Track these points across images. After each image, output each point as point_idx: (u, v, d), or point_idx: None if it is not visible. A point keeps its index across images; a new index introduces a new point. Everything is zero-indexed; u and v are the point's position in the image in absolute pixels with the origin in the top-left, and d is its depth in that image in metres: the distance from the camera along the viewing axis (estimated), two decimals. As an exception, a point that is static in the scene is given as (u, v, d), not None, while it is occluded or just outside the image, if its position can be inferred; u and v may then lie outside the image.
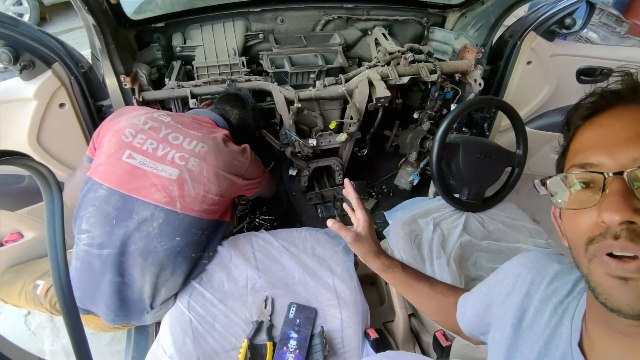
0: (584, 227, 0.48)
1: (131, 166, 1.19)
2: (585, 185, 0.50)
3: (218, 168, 1.25)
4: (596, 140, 0.50)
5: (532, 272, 0.68)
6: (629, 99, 0.50)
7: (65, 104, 1.39)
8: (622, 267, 0.44)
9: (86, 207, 1.19)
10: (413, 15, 1.94)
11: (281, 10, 1.85)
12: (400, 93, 1.97)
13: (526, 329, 0.64)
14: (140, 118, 1.26)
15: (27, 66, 1.26)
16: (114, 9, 1.36)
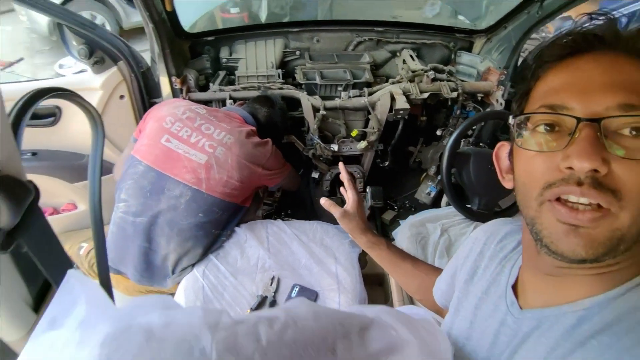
0: (543, 170, 0.47)
1: (167, 148, 1.38)
2: (550, 129, 0.48)
3: (240, 157, 1.41)
4: (572, 83, 0.47)
5: (487, 234, 0.73)
6: (611, 44, 0.47)
7: (124, 96, 1.65)
8: (575, 216, 0.43)
9: (126, 180, 1.39)
10: (441, 40, 2.07)
11: (317, 31, 2.05)
12: (425, 111, 2.08)
13: (476, 282, 0.68)
14: (180, 109, 1.45)
15: (98, 61, 1.54)
16: (171, 19, 1.62)
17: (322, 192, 2.16)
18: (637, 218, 0.43)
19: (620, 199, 0.42)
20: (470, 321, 0.63)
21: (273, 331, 0.28)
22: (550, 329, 0.49)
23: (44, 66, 5.24)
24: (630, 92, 0.44)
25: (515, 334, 0.53)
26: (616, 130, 0.44)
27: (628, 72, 0.45)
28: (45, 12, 1.35)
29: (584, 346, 0.45)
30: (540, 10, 1.52)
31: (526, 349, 0.51)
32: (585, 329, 0.46)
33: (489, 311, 0.60)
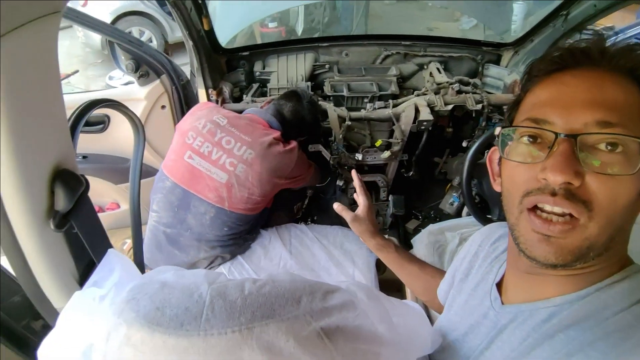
0: (523, 179, 0.50)
1: (191, 166, 1.42)
2: (533, 140, 0.50)
3: (262, 174, 1.42)
4: (556, 98, 0.50)
5: (482, 236, 0.77)
6: (596, 60, 0.49)
7: (165, 106, 1.81)
8: (548, 227, 0.47)
9: (156, 193, 1.50)
10: (468, 53, 2.10)
11: (346, 46, 2.14)
12: (452, 123, 2.10)
13: (469, 281, 0.72)
14: (201, 120, 1.46)
15: (144, 75, 1.70)
16: (209, 36, 1.76)
17: (347, 201, 2.23)
18: (605, 228, 0.46)
19: (590, 209, 0.45)
20: (460, 315, 0.68)
21: (255, 286, 0.36)
22: (524, 322, 0.54)
23: (95, 78, 5.69)
24: (610, 110, 0.46)
25: (495, 326, 0.58)
26: (593, 144, 0.46)
27: (610, 89, 0.47)
28: (98, 31, 1.53)
29: (552, 338, 0.49)
30: (565, 23, 1.53)
31: (501, 340, 0.56)
32: (554, 323, 0.50)
33: (475, 305, 0.65)
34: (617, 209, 0.46)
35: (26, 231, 0.56)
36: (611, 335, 0.45)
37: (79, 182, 0.61)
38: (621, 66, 0.48)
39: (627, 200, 0.46)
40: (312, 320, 0.35)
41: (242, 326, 0.33)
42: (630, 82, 0.48)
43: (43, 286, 0.64)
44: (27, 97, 0.48)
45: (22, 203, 0.54)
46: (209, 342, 0.32)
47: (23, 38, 0.43)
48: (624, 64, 0.48)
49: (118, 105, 0.85)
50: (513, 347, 0.53)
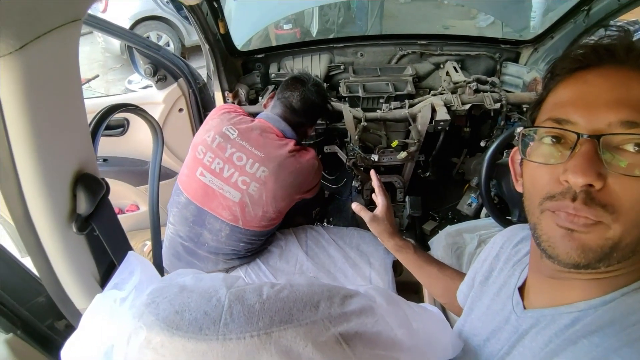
0: (545, 181, 0.49)
1: (203, 183, 1.38)
2: (555, 141, 0.49)
3: (277, 191, 1.37)
4: (578, 97, 0.48)
5: (504, 238, 0.75)
6: (621, 58, 0.48)
7: (183, 109, 1.83)
8: (572, 220, 0.45)
9: (173, 206, 1.49)
10: (485, 51, 2.06)
11: (361, 46, 2.13)
12: (470, 122, 2.07)
13: (490, 284, 0.71)
14: (210, 133, 1.39)
15: (162, 79, 1.73)
16: (225, 40, 1.78)
17: (363, 202, 2.22)
18: (630, 230, 0.44)
19: (612, 212, 0.44)
20: (482, 320, 0.66)
21: (273, 290, 0.36)
22: (546, 327, 0.52)
23: (115, 82, 5.83)
24: (635, 110, 0.44)
25: (516, 331, 0.56)
26: (618, 145, 0.45)
27: (636, 88, 0.45)
28: (118, 37, 1.56)
29: (576, 344, 0.47)
30: (587, 19, 1.49)
31: (523, 345, 0.54)
32: (578, 329, 0.49)
33: (497, 310, 0.63)
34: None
35: (49, 234, 0.58)
36: (638, 342, 0.43)
37: (100, 185, 0.62)
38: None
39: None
40: (331, 326, 0.34)
41: (261, 331, 0.33)
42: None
43: (66, 287, 0.65)
44: (50, 103, 0.49)
45: (46, 206, 0.55)
46: (228, 347, 0.32)
47: (45, 46, 0.44)
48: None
49: (137, 109, 0.86)
50: (534, 352, 0.51)
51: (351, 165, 1.96)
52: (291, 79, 1.57)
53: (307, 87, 1.52)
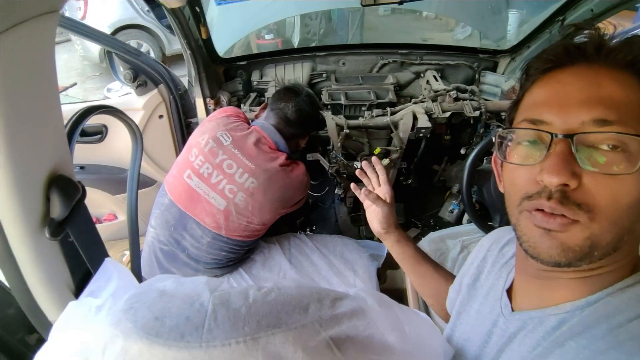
0: (523, 181, 0.49)
1: (189, 186, 1.35)
2: (532, 141, 0.50)
3: (264, 204, 1.35)
4: (552, 97, 0.49)
5: (491, 240, 0.75)
6: (592, 57, 0.48)
7: (163, 115, 1.80)
8: (548, 220, 0.46)
9: (156, 208, 1.45)
10: (464, 61, 2.11)
11: (343, 55, 2.15)
12: (450, 130, 2.10)
13: (478, 287, 0.70)
14: (205, 136, 1.38)
15: (141, 84, 1.70)
16: (207, 46, 1.76)
17: (345, 210, 2.21)
18: (609, 228, 0.44)
19: (588, 211, 0.44)
20: (472, 325, 0.66)
21: (260, 293, 0.34)
22: (534, 330, 0.52)
23: (94, 90, 5.71)
24: (607, 108, 0.45)
25: (504, 334, 0.56)
26: (593, 144, 0.45)
27: (607, 86, 0.46)
28: (98, 41, 1.53)
29: (563, 347, 0.47)
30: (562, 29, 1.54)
31: (511, 349, 0.54)
32: (564, 331, 0.49)
33: (486, 313, 0.63)
34: (621, 209, 0.44)
35: (20, 239, 0.54)
36: (625, 344, 0.43)
37: (76, 188, 0.59)
38: (619, 61, 0.47)
39: (631, 199, 0.44)
40: (321, 329, 0.33)
41: (247, 336, 0.31)
42: (629, 77, 0.46)
43: (37, 297, 0.61)
44: (23, 98, 0.47)
45: (16, 209, 0.52)
46: (212, 355, 0.30)
47: (20, 37, 0.41)
48: (622, 58, 0.47)
49: (116, 111, 0.83)
50: (523, 355, 0.51)
51: (334, 172, 1.95)
52: (284, 90, 1.56)
53: (301, 98, 1.53)
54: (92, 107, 0.73)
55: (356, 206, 2.19)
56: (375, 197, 0.92)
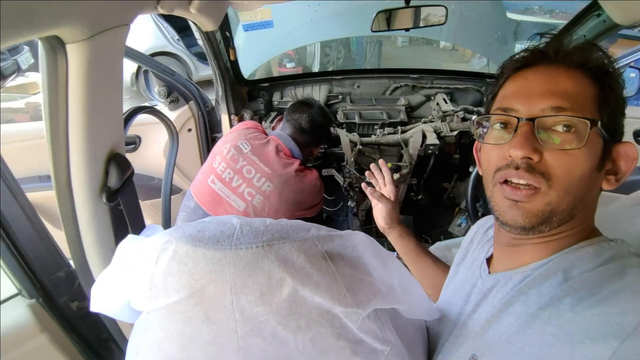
0: (495, 158, 0.59)
1: (212, 190, 1.46)
2: (503, 126, 0.59)
3: (279, 206, 1.44)
4: (519, 90, 0.59)
5: (478, 226, 0.85)
6: (552, 59, 0.58)
7: (192, 129, 1.97)
8: (515, 192, 0.56)
9: (182, 211, 1.56)
10: (473, 84, 2.23)
11: (358, 78, 2.31)
12: (459, 149, 2.21)
13: (464, 263, 0.80)
14: (227, 145, 1.48)
15: (174, 101, 1.88)
16: (234, 68, 1.95)
17: (358, 223, 2.31)
18: (564, 196, 0.55)
19: (548, 179, 0.55)
20: (456, 290, 0.75)
21: (274, 221, 0.46)
22: (504, 285, 0.61)
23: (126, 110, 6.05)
24: (562, 98, 0.55)
25: (481, 292, 0.65)
26: (551, 127, 0.56)
27: (563, 81, 0.56)
28: (139, 61, 1.73)
29: (526, 294, 0.57)
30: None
31: (486, 302, 0.63)
32: (528, 282, 0.58)
33: (467, 279, 0.72)
34: (573, 179, 0.55)
35: (84, 201, 0.68)
36: (578, 292, 0.52)
37: (128, 165, 0.73)
38: (573, 62, 0.57)
39: (581, 171, 0.55)
40: (318, 244, 0.44)
41: (264, 243, 0.42)
42: (581, 75, 0.57)
43: (87, 253, 0.75)
44: (101, 89, 0.61)
45: (84, 177, 0.66)
46: (238, 254, 0.42)
47: (104, 41, 0.56)
48: (575, 59, 0.57)
49: (157, 112, 0.99)
50: (494, 305, 0.60)
51: (347, 186, 2.07)
52: (298, 103, 1.70)
53: (314, 110, 1.65)
54: (141, 107, 0.88)
55: (368, 219, 2.28)
56: (379, 195, 1.03)
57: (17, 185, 0.76)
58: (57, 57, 0.52)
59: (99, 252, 0.74)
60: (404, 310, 0.56)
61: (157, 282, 0.44)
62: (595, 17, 1.41)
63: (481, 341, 0.59)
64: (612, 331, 0.45)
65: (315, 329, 0.44)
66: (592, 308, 0.49)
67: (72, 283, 0.90)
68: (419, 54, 7.41)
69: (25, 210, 0.76)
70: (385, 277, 0.50)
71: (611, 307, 0.47)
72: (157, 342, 0.47)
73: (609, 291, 0.50)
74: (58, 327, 0.85)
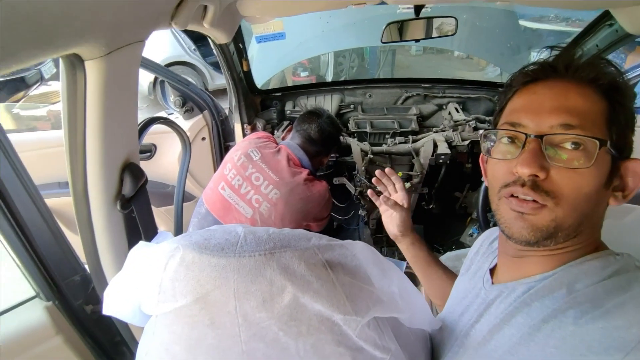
0: (502, 173, 0.59)
1: (222, 197, 1.50)
2: (511, 140, 0.59)
3: (285, 214, 1.46)
4: (528, 105, 0.58)
5: (484, 238, 0.85)
6: (562, 73, 0.57)
7: (205, 138, 2.01)
8: (521, 205, 0.55)
9: (194, 217, 1.60)
10: (485, 94, 2.23)
11: (370, 88, 2.33)
12: (471, 159, 2.20)
13: (468, 275, 0.80)
14: (237, 153, 1.53)
15: (189, 110, 1.93)
16: (247, 78, 1.99)
17: (369, 232, 2.31)
18: (571, 213, 0.54)
19: (554, 197, 0.54)
20: (458, 299, 0.75)
21: (277, 230, 0.48)
22: (508, 296, 0.61)
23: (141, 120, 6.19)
24: (572, 115, 0.54)
25: (484, 302, 0.65)
26: (559, 144, 0.55)
27: (573, 98, 0.55)
28: (155, 72, 1.78)
29: (529, 306, 0.56)
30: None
31: (488, 312, 0.63)
32: (531, 294, 0.58)
33: (470, 288, 0.73)
34: (580, 197, 0.54)
35: (99, 208, 0.71)
36: (582, 305, 0.51)
37: (142, 174, 0.77)
38: (584, 77, 0.56)
39: (588, 190, 0.54)
40: (319, 253, 0.45)
41: (267, 251, 0.44)
42: (592, 91, 0.56)
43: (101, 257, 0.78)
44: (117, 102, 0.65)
45: (100, 185, 0.69)
46: (242, 262, 0.44)
47: (120, 57, 0.60)
48: (586, 75, 0.56)
49: (171, 123, 1.02)
50: (496, 316, 0.60)
51: (358, 194, 2.08)
52: (307, 113, 1.73)
53: (322, 119, 1.68)
54: (155, 117, 0.91)
55: (378, 228, 2.28)
56: (393, 202, 1.00)
57: (37, 192, 0.80)
58: (76, 73, 0.56)
59: (113, 257, 0.77)
60: (404, 319, 0.57)
61: (166, 287, 0.47)
62: (608, 26, 1.40)
63: (483, 351, 0.59)
64: (615, 345, 0.45)
65: (316, 335, 0.45)
66: (595, 321, 0.48)
67: (87, 287, 0.93)
68: (433, 62, 7.41)
69: (44, 216, 0.80)
70: (386, 285, 0.51)
71: (615, 321, 0.47)
72: (165, 344, 0.49)
73: (613, 304, 0.49)
74: (73, 330, 0.88)
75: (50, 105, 3.83)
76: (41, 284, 0.83)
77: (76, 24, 0.47)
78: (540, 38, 3.95)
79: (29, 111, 3.68)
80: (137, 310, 0.53)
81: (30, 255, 0.79)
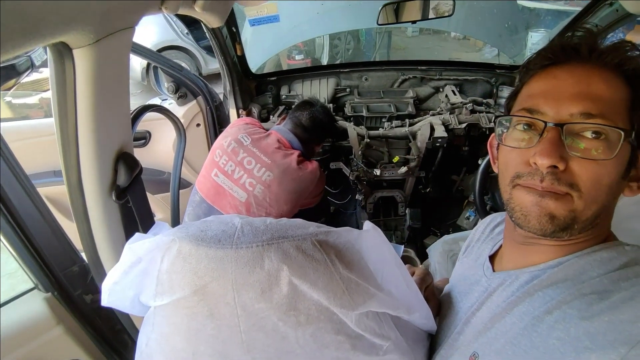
0: (516, 162, 0.55)
1: (216, 183, 1.52)
2: (527, 127, 0.55)
3: (279, 195, 1.50)
4: (547, 90, 0.54)
5: (485, 224, 0.83)
6: (585, 56, 0.53)
7: (200, 124, 1.99)
8: (541, 183, 0.51)
9: (189, 206, 1.63)
10: (482, 76, 2.21)
11: (366, 71, 2.30)
12: (468, 142, 2.19)
13: (467, 261, 0.80)
14: (227, 139, 1.54)
15: (182, 96, 1.90)
16: (241, 62, 1.96)
17: (366, 214, 2.32)
18: (590, 205, 0.52)
19: (576, 190, 0.52)
20: (456, 286, 0.75)
21: (274, 220, 0.48)
22: (510, 284, 0.60)
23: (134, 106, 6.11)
24: (593, 102, 0.51)
25: (485, 290, 0.65)
26: (579, 132, 0.51)
27: (596, 83, 0.52)
28: (147, 57, 1.75)
29: (532, 296, 0.55)
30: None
31: (491, 300, 0.62)
32: (535, 283, 0.56)
33: (470, 275, 0.72)
34: (601, 189, 0.52)
35: (94, 199, 0.70)
36: (587, 296, 0.50)
37: (136, 163, 0.76)
38: (608, 62, 0.53)
39: (609, 181, 0.52)
40: (317, 242, 0.45)
41: (264, 242, 0.44)
42: (616, 77, 0.52)
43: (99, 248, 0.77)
44: (107, 91, 0.63)
45: (94, 176, 0.68)
46: (239, 253, 0.43)
47: (110, 44, 0.58)
48: (610, 60, 0.53)
49: (165, 110, 1.01)
50: (498, 304, 0.59)
51: (354, 179, 2.08)
52: (302, 102, 1.77)
53: (315, 108, 1.72)
54: (148, 105, 0.90)
55: (376, 212, 2.29)
56: None
57: (32, 185, 0.79)
58: (64, 62, 0.54)
59: (110, 247, 0.77)
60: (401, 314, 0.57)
61: (163, 279, 0.46)
62: (608, 6, 1.38)
63: (483, 339, 0.58)
64: (621, 338, 0.44)
65: (315, 324, 0.46)
66: (601, 314, 0.47)
67: (86, 277, 0.93)
68: (430, 43, 7.32)
69: (39, 208, 0.79)
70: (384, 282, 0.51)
71: (621, 314, 0.46)
72: (164, 335, 0.50)
73: (620, 297, 0.48)
74: (73, 320, 0.88)
75: (42, 92, 3.77)
76: (39, 276, 0.83)
77: (63, 11, 0.45)
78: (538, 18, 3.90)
79: (21, 99, 3.62)
80: (136, 301, 0.53)
81: (27, 247, 0.78)
